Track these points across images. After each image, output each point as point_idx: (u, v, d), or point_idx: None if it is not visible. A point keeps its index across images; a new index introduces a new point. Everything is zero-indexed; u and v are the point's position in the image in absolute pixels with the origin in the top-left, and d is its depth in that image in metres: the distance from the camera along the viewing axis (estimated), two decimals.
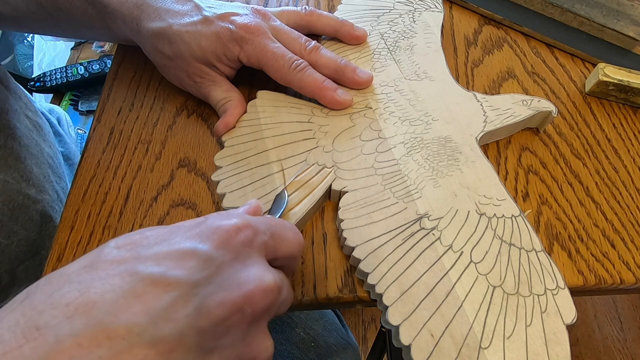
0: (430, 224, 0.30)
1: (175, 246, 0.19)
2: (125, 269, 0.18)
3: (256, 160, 0.33)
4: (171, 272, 0.18)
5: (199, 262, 0.18)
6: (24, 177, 0.41)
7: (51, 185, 0.45)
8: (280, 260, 0.24)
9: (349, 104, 0.36)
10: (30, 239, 0.40)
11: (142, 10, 0.35)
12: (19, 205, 0.39)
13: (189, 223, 0.21)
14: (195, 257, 0.19)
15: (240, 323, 0.18)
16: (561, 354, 0.26)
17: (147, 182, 0.35)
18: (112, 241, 0.20)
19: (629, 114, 0.41)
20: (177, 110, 0.39)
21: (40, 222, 0.41)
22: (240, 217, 0.21)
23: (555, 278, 0.28)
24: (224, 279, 0.18)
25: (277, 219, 0.26)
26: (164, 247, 0.19)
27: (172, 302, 0.17)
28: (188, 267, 0.18)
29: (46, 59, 1.17)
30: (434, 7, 0.45)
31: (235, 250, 0.20)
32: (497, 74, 0.43)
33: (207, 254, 0.19)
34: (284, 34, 0.37)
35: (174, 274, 0.18)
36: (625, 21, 0.45)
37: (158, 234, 0.20)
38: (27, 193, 0.40)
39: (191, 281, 0.18)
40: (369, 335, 1.04)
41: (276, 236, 0.23)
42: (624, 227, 0.34)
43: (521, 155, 0.37)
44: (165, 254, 0.19)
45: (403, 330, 0.26)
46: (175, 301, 0.17)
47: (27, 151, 0.42)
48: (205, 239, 0.19)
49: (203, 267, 0.18)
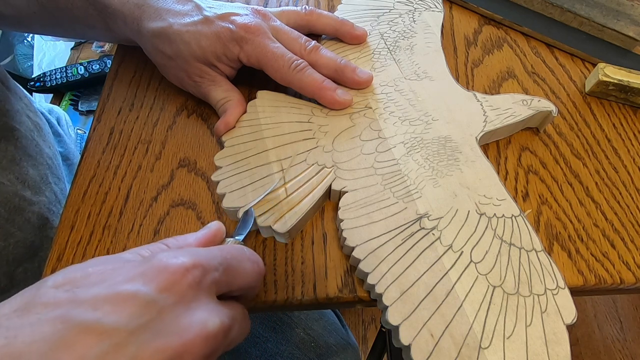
0: (430, 224, 0.30)
1: (116, 288, 0.18)
2: (59, 314, 0.17)
3: (256, 160, 0.33)
4: (107, 318, 0.17)
5: (138, 307, 0.18)
6: (20, 179, 0.41)
7: (49, 186, 0.45)
8: (236, 292, 0.23)
9: (348, 104, 0.36)
10: (28, 241, 0.40)
11: (143, 10, 0.35)
12: (15, 207, 0.39)
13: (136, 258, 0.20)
14: (136, 301, 0.18)
15: None
16: (561, 354, 0.26)
17: (147, 182, 0.35)
18: (50, 278, 0.19)
19: (629, 114, 0.41)
20: (177, 110, 0.39)
21: (37, 224, 0.41)
22: (190, 255, 0.20)
23: (555, 278, 0.28)
24: (164, 325, 0.18)
25: (236, 247, 0.24)
26: (103, 288, 0.18)
27: (105, 352, 0.16)
28: (126, 313, 0.17)
29: (46, 59, 1.17)
30: (434, 7, 0.45)
31: (180, 293, 0.19)
32: (497, 74, 0.43)
33: (149, 298, 0.18)
34: (284, 34, 0.37)
35: (110, 320, 0.17)
36: (625, 21, 0.45)
37: (100, 272, 0.19)
38: (23, 195, 0.40)
39: (128, 328, 0.17)
40: (369, 335, 1.04)
41: (231, 270, 0.22)
42: (624, 227, 0.34)
43: (521, 155, 0.37)
44: (104, 298, 0.18)
45: (403, 330, 0.26)
46: (108, 350, 0.16)
47: (25, 153, 0.42)
48: (148, 281, 0.18)
49: (142, 312, 0.18)
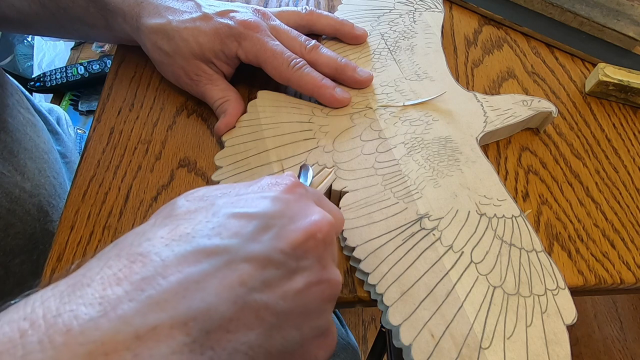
0: (431, 224, 0.30)
1: (246, 195, 0.22)
2: (206, 211, 0.20)
3: (256, 161, 0.33)
4: (250, 208, 0.20)
5: (270, 201, 0.21)
6: (19, 170, 0.41)
7: (48, 180, 0.45)
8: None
9: (347, 102, 0.36)
10: (27, 233, 0.40)
11: (142, 7, 0.36)
12: (16, 197, 0.39)
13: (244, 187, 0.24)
14: (267, 199, 0.21)
15: (315, 247, 0.21)
16: (561, 354, 0.26)
17: (147, 182, 0.35)
18: (179, 198, 0.22)
19: (629, 114, 0.41)
20: (177, 110, 0.39)
21: (37, 216, 0.41)
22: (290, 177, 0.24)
23: (556, 278, 0.28)
24: (294, 213, 0.21)
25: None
26: (232, 198, 0.21)
27: (256, 229, 0.20)
28: (263, 205, 0.21)
29: (46, 59, 1.17)
30: (434, 7, 0.45)
31: (298, 194, 0.23)
32: (497, 74, 0.43)
33: (276, 196, 0.22)
34: (283, 33, 0.37)
35: (253, 209, 0.20)
36: (625, 21, 0.45)
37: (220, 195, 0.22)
38: (23, 186, 0.41)
39: (268, 213, 0.20)
40: (369, 335, 1.04)
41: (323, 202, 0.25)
42: (624, 227, 0.34)
43: (521, 155, 0.37)
44: (236, 200, 0.21)
45: (403, 330, 0.26)
46: (258, 228, 0.20)
47: (20, 145, 0.42)
48: (268, 191, 0.22)
49: (275, 204, 0.21)
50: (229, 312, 0.17)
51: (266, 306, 0.18)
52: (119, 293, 0.16)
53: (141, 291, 0.16)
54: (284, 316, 0.19)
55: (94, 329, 0.15)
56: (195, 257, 0.18)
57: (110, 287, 0.17)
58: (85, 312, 0.16)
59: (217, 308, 0.17)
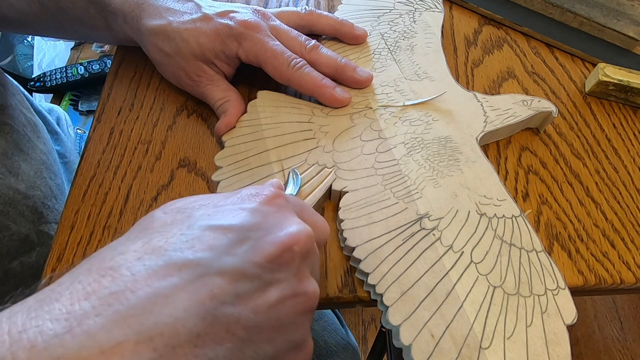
0: (431, 224, 0.30)
1: (224, 206, 0.22)
2: (181, 224, 0.20)
3: (256, 161, 0.33)
4: (226, 221, 0.20)
5: (248, 213, 0.21)
6: (12, 172, 0.41)
7: (44, 181, 0.44)
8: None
9: (347, 101, 0.36)
10: (22, 235, 0.40)
11: (143, 8, 0.36)
12: (9, 199, 0.39)
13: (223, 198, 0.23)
14: (244, 210, 0.21)
15: (291, 260, 0.21)
16: (561, 354, 0.26)
17: (147, 182, 0.35)
18: (156, 211, 0.22)
19: (629, 114, 0.41)
20: (177, 110, 0.39)
21: (31, 217, 0.41)
22: (270, 188, 0.24)
23: (556, 278, 0.28)
24: (271, 225, 0.21)
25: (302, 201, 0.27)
26: (209, 210, 0.21)
27: (231, 242, 0.19)
28: (240, 217, 0.21)
29: (46, 59, 1.17)
30: (434, 7, 0.45)
31: (277, 205, 0.23)
32: (497, 74, 0.43)
33: (254, 208, 0.22)
34: (283, 33, 0.37)
35: (229, 222, 0.20)
36: (625, 21, 0.45)
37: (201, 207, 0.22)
38: (17, 188, 0.40)
39: (244, 226, 0.20)
40: (369, 335, 1.04)
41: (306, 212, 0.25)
42: (624, 227, 0.34)
43: (521, 155, 0.37)
44: (214, 212, 0.21)
45: (403, 330, 0.26)
46: (233, 241, 0.20)
47: (16, 147, 0.42)
48: (247, 202, 0.22)
49: (252, 217, 0.21)
50: (196, 327, 0.17)
51: (237, 320, 0.18)
52: (86, 308, 0.16)
53: (108, 306, 0.16)
54: (255, 330, 0.19)
55: (59, 345, 0.15)
56: (166, 271, 0.18)
57: (78, 302, 0.16)
58: (51, 327, 0.15)
59: (184, 323, 0.17)
